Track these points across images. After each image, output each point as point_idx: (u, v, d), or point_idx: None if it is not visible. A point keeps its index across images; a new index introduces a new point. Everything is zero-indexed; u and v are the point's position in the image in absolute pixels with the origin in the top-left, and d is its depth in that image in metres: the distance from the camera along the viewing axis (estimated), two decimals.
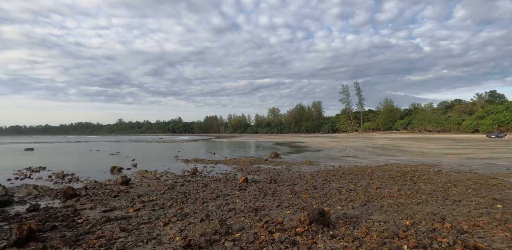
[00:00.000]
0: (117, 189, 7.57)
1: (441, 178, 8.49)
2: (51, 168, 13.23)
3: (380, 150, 21.82)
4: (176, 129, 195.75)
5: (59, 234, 3.91)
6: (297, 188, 7.23)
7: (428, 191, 6.61)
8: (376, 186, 7.22)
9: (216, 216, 4.61)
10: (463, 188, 6.90)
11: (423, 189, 6.88)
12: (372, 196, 6.07)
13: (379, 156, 16.78)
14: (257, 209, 4.99)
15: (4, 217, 5.02)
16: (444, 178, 8.61)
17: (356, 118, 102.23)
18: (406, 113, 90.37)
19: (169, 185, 7.87)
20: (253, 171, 11.06)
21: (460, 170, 10.48)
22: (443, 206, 5.19)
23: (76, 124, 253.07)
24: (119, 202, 5.97)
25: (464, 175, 8.99)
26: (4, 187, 7.70)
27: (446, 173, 9.72)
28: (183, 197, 6.19)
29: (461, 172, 9.92)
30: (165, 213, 4.89)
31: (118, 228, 3.99)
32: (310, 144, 34.78)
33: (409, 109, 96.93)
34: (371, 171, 10.44)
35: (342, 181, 8.29)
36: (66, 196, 6.44)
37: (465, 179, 8.25)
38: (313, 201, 5.59)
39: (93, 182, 9.00)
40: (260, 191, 6.63)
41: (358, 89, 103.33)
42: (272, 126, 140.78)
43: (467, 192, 6.37)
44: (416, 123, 75.78)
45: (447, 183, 7.64)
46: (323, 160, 15.42)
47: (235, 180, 8.65)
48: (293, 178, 9.07)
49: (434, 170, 10.43)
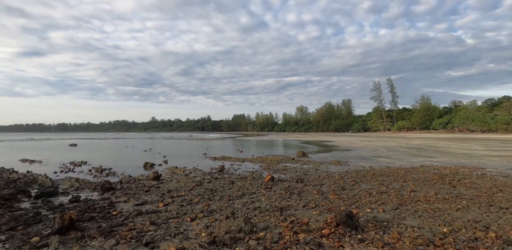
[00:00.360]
0: (148, 184, 7.94)
1: (485, 183, 7.78)
2: (92, 162, 14.25)
3: (415, 150, 20.56)
4: (205, 127, 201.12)
5: (96, 225, 4.18)
6: (324, 188, 7.04)
7: (470, 196, 6.09)
8: (410, 189, 6.80)
9: (241, 214, 4.64)
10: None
11: (463, 194, 6.35)
12: (406, 199, 5.72)
13: (414, 157, 15.82)
14: (283, 209, 4.93)
15: (49, 206, 5.49)
16: (489, 182, 7.87)
17: (389, 117, 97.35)
18: (446, 111, 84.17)
19: (197, 181, 8.09)
20: (280, 170, 10.99)
21: (508, 174, 9.52)
22: (487, 213, 4.74)
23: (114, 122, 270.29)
24: (150, 197, 6.25)
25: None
26: (50, 179, 8.44)
27: (492, 177, 8.88)
28: (210, 194, 6.32)
29: (509, 176, 9.01)
30: (192, 209, 5.02)
31: (148, 222, 4.17)
32: (339, 143, 33.78)
33: (449, 107, 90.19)
34: (404, 173, 9.87)
35: (373, 182, 7.93)
36: (103, 189, 6.88)
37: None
38: (341, 203, 5.40)
39: (128, 176, 9.52)
40: (286, 191, 6.56)
41: (391, 86, 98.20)
42: (300, 125, 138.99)
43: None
44: (457, 122, 70.25)
45: (492, 188, 6.98)
46: (352, 160, 14.89)
47: (261, 179, 8.66)
48: (320, 178, 8.86)
49: (477, 174, 9.59)
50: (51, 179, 8.47)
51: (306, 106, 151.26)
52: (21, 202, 6.00)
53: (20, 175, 9.00)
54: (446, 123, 74.48)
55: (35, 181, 8.25)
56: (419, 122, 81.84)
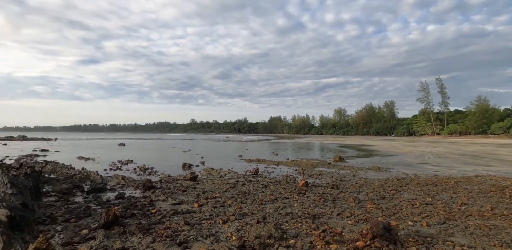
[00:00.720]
0: (186, 184, 8.29)
1: None
2: (136, 161, 15.34)
3: (469, 158, 18.56)
4: (241, 129, 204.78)
5: (136, 222, 4.47)
6: (361, 196, 6.69)
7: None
8: (461, 201, 6.15)
9: (273, 219, 4.61)
10: None
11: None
12: (455, 213, 5.18)
13: (467, 165, 14.29)
14: (315, 216, 4.79)
15: (98, 202, 6.02)
16: None
17: (438, 120, 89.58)
18: (508, 113, 74.83)
19: (231, 183, 8.23)
20: (315, 175, 10.71)
21: None
22: None
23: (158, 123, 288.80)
24: (186, 197, 6.52)
25: None
26: (101, 176, 9.26)
27: None
28: (243, 197, 6.39)
29: None
30: (224, 211, 5.12)
31: (183, 221, 4.35)
32: (380, 147, 31.91)
33: (511, 109, 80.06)
34: (455, 182, 8.96)
35: (417, 192, 7.33)
36: (145, 188, 7.35)
37: None
38: (379, 213, 5.08)
39: (167, 176, 10.05)
40: (320, 197, 6.36)
41: (441, 86, 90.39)
42: (338, 128, 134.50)
43: None
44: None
45: None
46: (394, 166, 13.95)
47: (295, 183, 8.52)
48: (357, 185, 8.44)
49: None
50: (101, 176, 9.30)
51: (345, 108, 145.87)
52: (76, 196, 6.66)
53: (76, 171, 10.03)
54: (509, 127, 66.12)
55: (88, 177, 9.12)
56: (474, 126, 73.93)
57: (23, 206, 4.21)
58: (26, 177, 5.43)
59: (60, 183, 8.01)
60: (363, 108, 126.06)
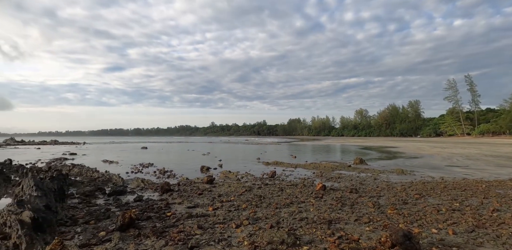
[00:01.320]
0: (202, 187, 8.36)
1: None
2: (157, 164, 15.74)
3: (503, 159, 17.29)
4: (261, 132, 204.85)
5: (151, 224, 4.54)
6: (382, 201, 6.39)
7: None
8: (493, 207, 5.69)
9: (287, 224, 4.50)
10: None
11: None
12: (485, 220, 4.80)
13: (501, 168, 13.30)
14: (331, 221, 4.62)
15: (118, 204, 6.20)
16: None
17: (468, 119, 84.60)
18: None
19: (247, 187, 8.20)
20: (333, 178, 10.43)
21: None
22: None
23: (179, 127, 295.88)
24: (202, 200, 6.55)
25: None
26: (122, 179, 9.57)
27: None
28: (258, 201, 6.32)
29: None
30: (238, 215, 5.08)
31: (196, 225, 4.36)
32: (404, 149, 30.59)
33: None
34: (486, 187, 8.35)
35: (443, 197, 6.89)
36: (162, 190, 7.49)
37: None
38: (400, 219, 4.81)
39: (185, 179, 10.20)
40: (338, 201, 6.15)
41: (470, 83, 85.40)
42: (360, 129, 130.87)
43: None
44: None
45: None
46: (419, 169, 13.27)
47: (312, 187, 8.33)
48: (378, 188, 8.10)
49: None
50: (122, 179, 9.61)
51: (366, 109, 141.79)
52: (97, 198, 6.92)
53: (99, 174, 10.45)
54: None
55: (110, 180, 9.46)
56: (509, 125, 68.99)
57: (46, 208, 4.41)
58: (52, 180, 5.71)
59: (84, 186, 8.37)
60: (385, 108, 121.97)
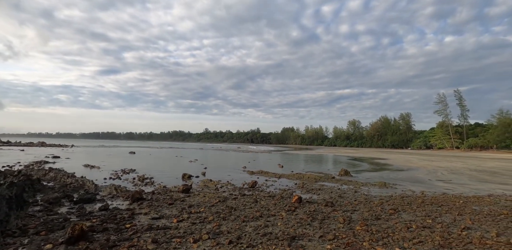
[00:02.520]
0: (176, 196, 8.11)
1: None
2: (140, 170, 15.37)
3: (486, 174, 17.41)
4: (254, 139, 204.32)
5: (105, 237, 4.31)
6: (355, 215, 6.26)
7: None
8: (464, 225, 5.60)
9: (247, 240, 4.31)
10: None
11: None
12: (453, 239, 4.69)
13: (482, 183, 13.35)
14: (294, 238, 4.45)
15: (80, 213, 5.93)
16: None
17: (457, 133, 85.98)
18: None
19: (223, 197, 7.98)
20: (314, 190, 10.28)
21: None
22: None
23: (172, 132, 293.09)
24: (170, 210, 6.32)
25: None
26: (95, 186, 9.25)
27: None
28: (228, 213, 6.11)
29: None
30: (201, 229, 4.87)
31: (151, 239, 4.14)
32: (393, 161, 30.70)
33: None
34: (464, 202, 8.30)
35: (418, 213, 6.79)
36: (133, 199, 7.22)
37: None
38: (366, 237, 4.66)
39: (162, 187, 9.93)
40: (309, 215, 5.99)
41: (460, 98, 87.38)
42: (352, 140, 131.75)
43: None
44: None
45: None
46: (402, 182, 13.23)
47: (289, 199, 8.15)
48: (356, 202, 7.97)
49: None
50: (96, 185, 9.29)
51: (359, 120, 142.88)
52: (62, 206, 6.61)
53: (73, 180, 10.10)
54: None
55: (83, 186, 9.13)
56: (496, 140, 70.35)
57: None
58: (9, 186, 5.43)
59: (53, 192, 8.03)
60: (377, 120, 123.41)
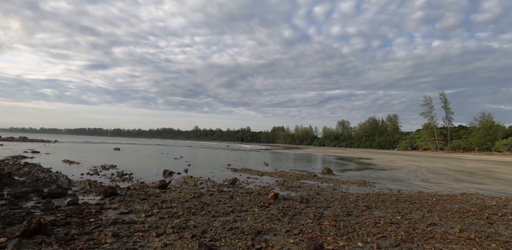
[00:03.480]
0: (152, 192, 7.99)
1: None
2: (121, 166, 15.08)
3: (464, 175, 17.93)
4: (244, 138, 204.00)
5: (65, 231, 4.18)
6: (327, 212, 6.31)
7: (507, 238, 4.87)
8: (431, 221, 5.73)
9: (212, 234, 4.27)
10: None
11: (500, 234, 5.12)
12: (416, 234, 4.78)
13: (458, 183, 13.73)
14: (260, 232, 4.44)
15: (46, 207, 5.75)
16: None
17: (442, 135, 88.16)
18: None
19: (198, 193, 7.91)
20: (294, 187, 10.32)
21: None
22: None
23: (161, 129, 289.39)
24: (141, 206, 6.21)
25: None
26: (69, 181, 9.01)
27: None
28: (200, 208, 6.06)
29: None
30: (168, 223, 4.80)
31: (111, 233, 4.05)
32: (377, 161, 31.23)
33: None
34: (436, 200, 8.51)
35: (390, 209, 6.91)
36: (105, 194, 7.07)
37: None
38: (332, 232, 4.70)
39: (140, 183, 9.77)
40: (281, 211, 6.00)
41: (445, 101, 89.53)
42: (341, 140, 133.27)
43: None
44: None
45: None
46: (382, 181, 13.46)
47: (266, 195, 8.15)
48: (331, 199, 8.04)
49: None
50: (69, 180, 9.05)
51: (348, 121, 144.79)
52: (29, 201, 6.40)
53: (46, 174, 9.80)
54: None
55: (56, 181, 8.88)
56: (478, 142, 72.55)
57: None
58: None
59: (22, 187, 7.78)
60: (366, 120, 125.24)
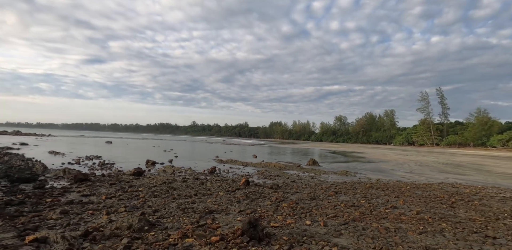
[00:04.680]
0: (125, 178, 8.02)
1: (503, 206, 6.37)
2: (106, 157, 15.08)
3: (450, 167, 18.07)
4: (242, 133, 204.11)
5: (16, 209, 4.20)
6: (293, 196, 6.35)
7: (461, 219, 4.94)
8: (392, 205, 5.79)
9: (162, 213, 4.31)
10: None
11: (456, 216, 5.19)
12: (371, 215, 4.84)
13: (440, 174, 13.85)
14: (212, 212, 4.48)
15: (10, 190, 5.77)
16: (509, 206, 6.44)
17: (438, 131, 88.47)
18: (509, 127, 73.73)
19: (171, 179, 7.95)
20: (272, 176, 10.38)
21: None
22: (460, 241, 3.73)
23: (159, 125, 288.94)
24: (107, 189, 6.24)
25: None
26: (45, 168, 9.03)
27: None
28: (164, 192, 6.09)
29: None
30: (124, 204, 4.83)
31: (60, 211, 4.07)
32: (370, 155, 31.39)
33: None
34: (410, 188, 8.59)
35: (358, 195, 6.98)
36: (76, 180, 7.09)
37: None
38: (286, 212, 4.74)
39: (117, 171, 9.79)
40: (244, 195, 6.04)
41: (441, 97, 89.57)
42: (338, 135, 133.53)
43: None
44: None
45: (504, 213, 5.64)
46: (365, 172, 13.55)
47: (239, 182, 8.20)
48: (304, 186, 8.11)
49: (505, 196, 7.94)
50: (45, 168, 9.07)
51: (346, 116, 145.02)
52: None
53: (23, 163, 9.80)
54: (508, 140, 65.06)
55: (31, 168, 8.87)
56: (473, 138, 72.90)
57: None
58: None
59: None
60: (363, 116, 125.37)
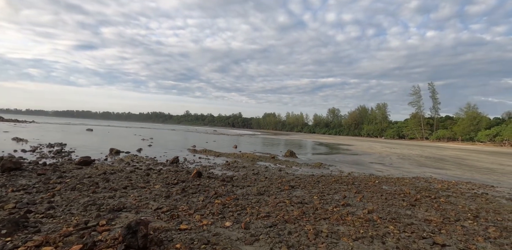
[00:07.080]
0: (66, 168, 7.27)
1: (471, 203, 5.92)
2: (72, 145, 14.20)
3: (431, 161, 17.75)
4: (235, 124, 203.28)
5: None
6: (240, 191, 5.72)
7: (416, 220, 4.38)
8: (345, 202, 5.20)
9: (59, 210, 3.60)
10: (488, 223, 4.41)
11: (412, 216, 4.63)
12: (312, 215, 4.23)
13: (418, 167, 13.43)
14: (122, 209, 3.80)
15: None
16: (478, 204, 5.96)
17: (428, 125, 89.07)
18: (497, 122, 74.43)
19: (117, 170, 7.24)
20: (237, 168, 9.75)
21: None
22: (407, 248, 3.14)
23: (152, 113, 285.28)
24: (27, 180, 5.48)
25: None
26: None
27: (492, 197, 6.85)
28: (92, 184, 5.37)
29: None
30: (22, 198, 4.10)
31: None
32: (356, 147, 31.08)
33: (501, 118, 79.73)
34: (379, 182, 8.07)
35: (315, 190, 6.38)
36: (2, 169, 6.31)
37: (509, 210, 5.50)
38: (212, 210, 4.09)
39: (67, 159, 9.02)
40: (182, 189, 5.37)
41: (433, 91, 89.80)
42: (331, 127, 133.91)
43: (487, 231, 3.97)
44: (507, 135, 61.53)
45: (468, 212, 5.13)
46: (341, 164, 13.05)
47: None
48: (263, 179, 7.49)
49: (477, 192, 7.48)
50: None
51: (339, 109, 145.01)
52: None
53: None
54: (495, 135, 65.76)
55: None
56: (462, 133, 73.58)
57: None
58: None
59: None
60: (356, 109, 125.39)
